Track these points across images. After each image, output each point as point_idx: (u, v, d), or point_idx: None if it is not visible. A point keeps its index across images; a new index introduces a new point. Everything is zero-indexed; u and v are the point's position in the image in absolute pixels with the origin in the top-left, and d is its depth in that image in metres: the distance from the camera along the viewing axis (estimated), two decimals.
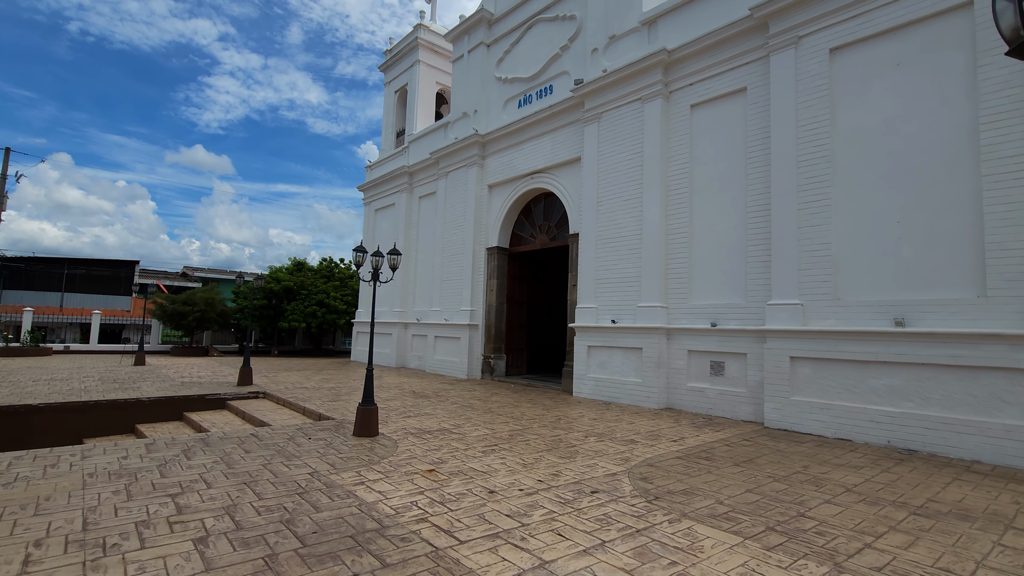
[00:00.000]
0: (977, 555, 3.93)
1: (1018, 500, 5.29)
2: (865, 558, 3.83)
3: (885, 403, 7.79)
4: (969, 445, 7.00)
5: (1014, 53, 2.36)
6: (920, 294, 7.73)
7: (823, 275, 8.68)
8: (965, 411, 7.11)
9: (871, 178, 8.36)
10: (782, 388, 8.85)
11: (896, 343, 7.73)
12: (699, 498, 5.13)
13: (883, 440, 7.70)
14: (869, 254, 8.29)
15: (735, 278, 10.10)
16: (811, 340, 8.61)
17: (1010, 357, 6.79)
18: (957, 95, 7.62)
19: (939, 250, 7.63)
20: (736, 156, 10.28)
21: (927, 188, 7.80)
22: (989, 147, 7.24)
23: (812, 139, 8.98)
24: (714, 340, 10.19)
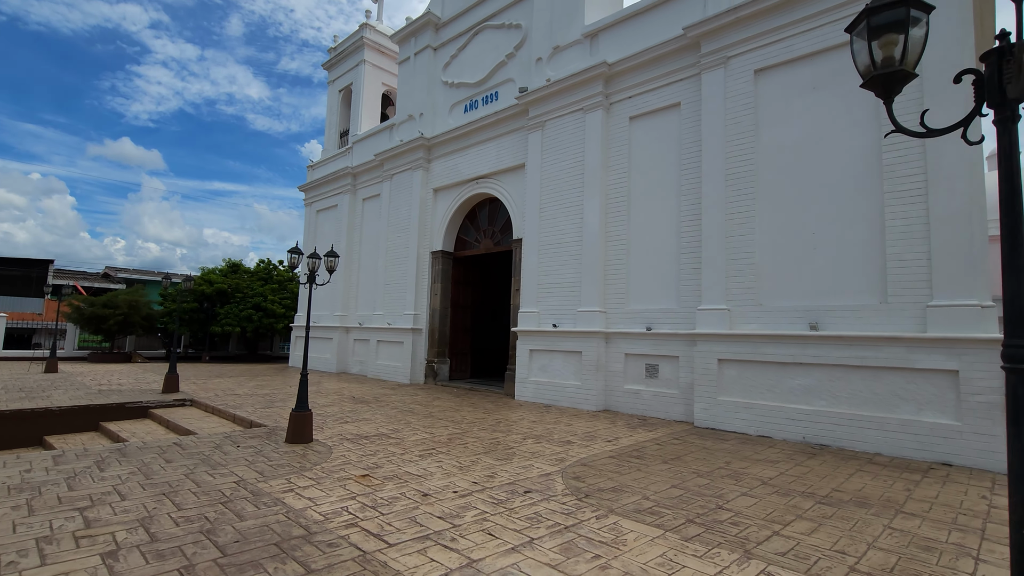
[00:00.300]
0: (869, 537, 4.31)
1: (909, 488, 5.83)
2: (772, 544, 4.12)
3: (801, 402, 8.36)
4: (872, 439, 7.62)
5: (867, 86, 2.69)
6: (832, 300, 8.36)
7: (747, 282, 9.23)
8: (869, 408, 7.74)
9: (791, 192, 8.98)
10: (710, 389, 9.32)
11: (811, 346, 8.33)
12: (627, 495, 5.34)
13: (799, 436, 8.26)
14: (788, 263, 8.89)
15: (669, 284, 10.55)
16: (737, 343, 9.13)
17: (906, 358, 7.47)
18: (864, 118, 8.33)
19: (848, 260, 8.29)
20: (671, 167, 10.76)
21: (839, 202, 8.46)
22: (889, 166, 7.95)
23: (739, 154, 9.55)
24: (649, 344, 10.60)
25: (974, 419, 6.90)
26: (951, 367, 7.11)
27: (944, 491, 5.73)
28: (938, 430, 7.15)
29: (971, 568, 3.78)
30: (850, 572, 3.68)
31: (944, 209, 7.42)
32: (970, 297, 7.13)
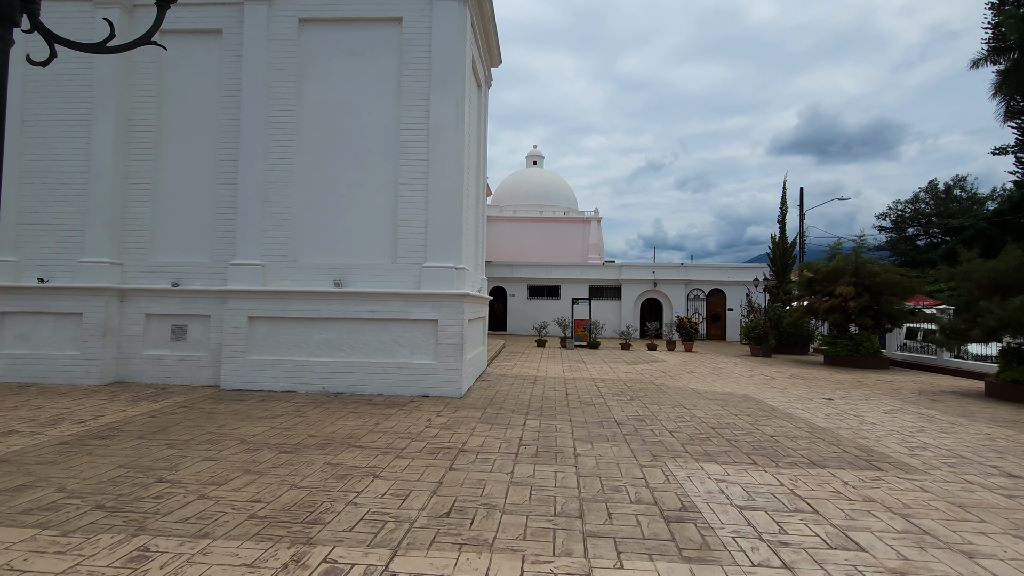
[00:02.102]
0: (299, 478, 4.62)
1: (378, 421, 6.76)
2: (184, 511, 3.89)
3: (324, 355, 8.80)
4: (377, 383, 8.67)
5: None
6: (356, 259, 9.01)
7: (284, 237, 9.04)
8: (377, 355, 8.75)
9: (329, 152, 9.15)
10: (239, 348, 8.82)
11: (335, 301, 8.80)
12: (31, 492, 4.27)
13: (320, 387, 8.70)
14: (323, 221, 9.10)
15: (203, 235, 9.40)
16: (269, 300, 8.87)
17: (406, 311, 8.72)
18: (390, 94, 9.13)
19: (371, 223, 9.05)
20: (211, 103, 9.48)
21: (368, 169, 9.10)
22: (405, 143, 8.99)
23: (281, 103, 9.12)
24: (177, 302, 9.27)
25: (445, 358, 8.64)
26: (433, 317, 8.67)
27: (402, 420, 6.88)
28: (423, 369, 8.66)
29: (364, 486, 4.46)
30: (249, 519, 3.77)
31: (439, 185, 8.86)
32: (449, 259, 8.81)
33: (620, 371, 13.13)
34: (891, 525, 3.86)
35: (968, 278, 10.70)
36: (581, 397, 9.06)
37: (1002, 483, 4.92)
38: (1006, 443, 6.50)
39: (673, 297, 28.04)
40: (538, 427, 6.74)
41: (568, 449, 5.75)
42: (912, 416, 8.09)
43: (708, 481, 4.77)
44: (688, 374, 12.82)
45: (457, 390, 8.57)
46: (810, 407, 8.63)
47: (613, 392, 9.72)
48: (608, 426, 6.90)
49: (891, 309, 15.14)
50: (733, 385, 11.04)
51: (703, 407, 8.39)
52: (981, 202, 44.82)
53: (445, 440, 6.00)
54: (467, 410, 7.64)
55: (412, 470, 4.92)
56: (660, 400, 8.94)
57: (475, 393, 9.09)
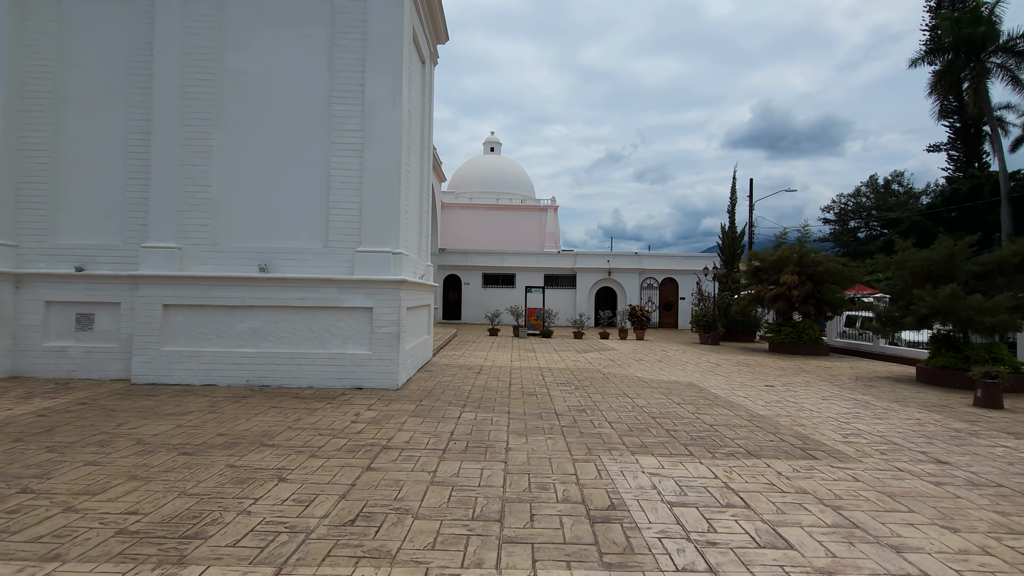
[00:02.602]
0: (191, 484, 4.11)
1: (300, 417, 6.25)
2: (50, 524, 3.34)
3: (248, 345, 8.16)
4: (307, 375, 8.11)
5: None
6: (283, 242, 8.37)
7: (203, 218, 8.30)
8: (306, 346, 8.19)
9: (254, 127, 8.43)
10: (153, 339, 8.07)
11: (260, 288, 8.16)
12: None
13: (243, 380, 8.07)
14: (246, 201, 8.41)
15: (112, 215, 8.54)
16: (187, 286, 8.14)
17: (338, 298, 8.17)
18: (321, 66, 8.47)
19: (301, 204, 8.42)
20: (120, 68, 8.57)
21: (296, 146, 8.44)
22: (338, 118, 8.38)
23: (199, 72, 8.33)
24: (82, 288, 8.40)
25: (380, 347, 8.16)
26: (368, 304, 8.16)
27: (328, 415, 6.40)
28: (356, 360, 8.15)
29: (264, 491, 3.99)
30: (116, 536, 3.26)
31: (374, 165, 8.32)
32: (385, 244, 8.30)
33: (569, 360, 12.95)
34: (822, 519, 3.71)
35: (903, 267, 10.98)
36: (524, 387, 8.77)
37: (930, 470, 4.90)
38: (935, 428, 6.60)
39: (627, 286, 28.23)
40: (473, 420, 6.39)
41: (500, 444, 5.42)
42: (848, 402, 8.19)
43: (641, 476, 4.54)
44: (636, 362, 12.76)
45: (393, 382, 8.12)
46: (752, 395, 8.63)
47: (558, 381, 9.48)
48: (547, 418, 6.63)
49: (832, 297, 15.56)
50: (679, 373, 11.02)
51: (646, 396, 8.24)
52: (916, 196, 47.26)
53: (370, 436, 5.57)
54: (401, 403, 7.22)
55: (325, 471, 4.48)
56: (604, 389, 8.76)
57: (414, 384, 8.66)
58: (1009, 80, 29.63)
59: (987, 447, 5.76)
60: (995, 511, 3.96)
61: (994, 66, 29.98)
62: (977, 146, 39.19)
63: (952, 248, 10.22)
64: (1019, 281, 9.84)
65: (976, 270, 10.09)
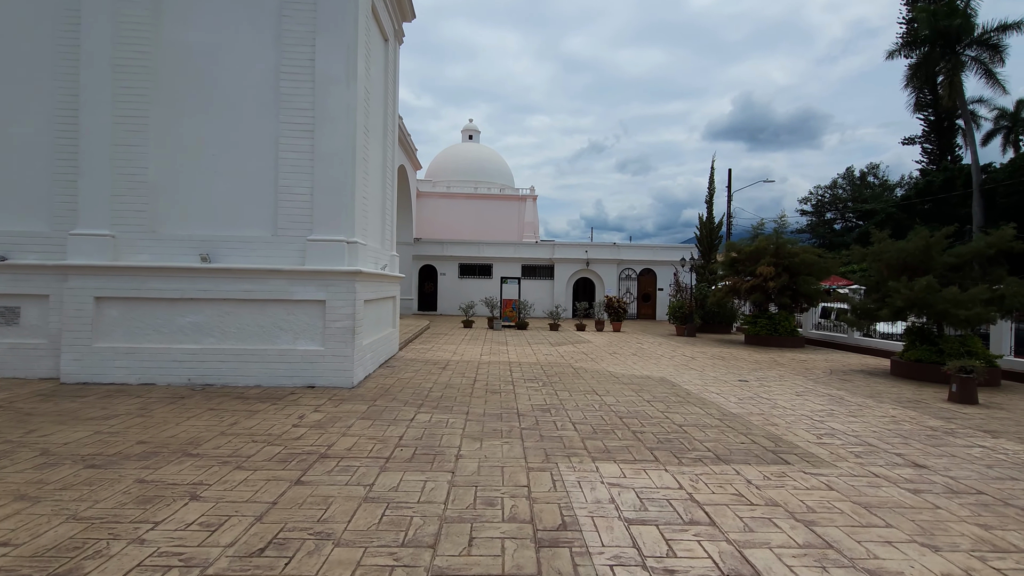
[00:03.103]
0: (87, 503, 3.59)
1: (237, 421, 5.73)
2: None
3: (190, 341, 7.57)
4: (254, 372, 7.56)
5: None
6: (229, 230, 7.77)
7: (139, 204, 7.64)
8: (254, 341, 7.63)
9: (195, 104, 7.77)
10: (84, 335, 7.43)
11: (203, 279, 7.56)
12: None
13: (184, 379, 7.49)
14: (187, 185, 7.77)
15: (38, 199, 7.83)
16: (122, 277, 7.50)
17: (288, 290, 7.62)
18: (269, 40, 7.82)
19: (247, 188, 7.81)
20: (44, 39, 7.81)
21: (242, 126, 7.81)
22: (287, 96, 7.76)
23: (134, 44, 7.62)
24: (5, 280, 7.69)
25: (334, 343, 7.64)
26: (321, 297, 7.62)
27: (268, 418, 5.88)
28: (308, 356, 7.62)
29: (170, 513, 3.50)
30: None
31: (327, 147, 7.74)
32: (339, 232, 7.75)
33: (541, 353, 12.56)
34: (793, 537, 3.35)
35: (879, 259, 10.79)
36: (490, 384, 8.34)
37: (908, 475, 4.60)
38: (910, 426, 6.35)
39: (605, 277, 27.94)
40: (427, 422, 5.94)
41: (451, 450, 4.98)
42: (822, 399, 7.93)
43: (600, 487, 4.14)
44: (610, 355, 12.43)
45: (348, 379, 7.62)
46: (724, 391, 8.33)
47: (526, 377, 9.07)
48: (508, 419, 6.20)
49: (808, 289, 15.41)
50: (652, 367, 10.70)
51: (616, 393, 7.88)
52: (891, 188, 47.87)
53: (309, 443, 5.08)
54: (353, 403, 6.73)
55: (246, 487, 3.99)
56: (573, 386, 8.37)
57: (372, 382, 8.16)
58: (983, 73, 29.89)
59: (964, 448, 5.51)
60: (977, 524, 3.65)
61: (969, 59, 30.21)
62: (950, 139, 39.72)
63: (928, 239, 10.03)
64: (994, 273, 9.70)
65: (952, 262, 9.92)
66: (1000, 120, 34.96)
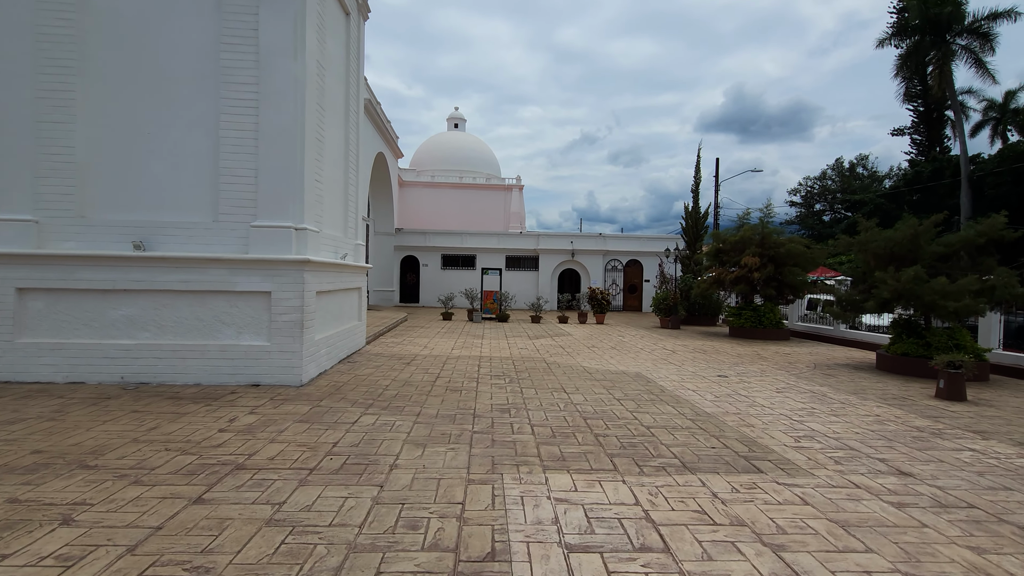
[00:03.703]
0: None
1: (158, 426, 5.17)
2: None
3: (123, 335, 6.97)
4: (194, 370, 6.98)
5: None
6: (165, 215, 7.15)
7: (66, 186, 7.00)
8: (193, 336, 7.04)
9: (128, 78, 7.12)
10: (4, 329, 6.80)
11: (137, 269, 6.95)
12: None
13: (117, 377, 6.90)
14: (120, 166, 7.13)
15: None
16: (47, 266, 6.87)
17: (230, 280, 7.03)
18: (208, 6, 7.17)
19: (185, 170, 7.18)
20: None
21: (179, 101, 7.17)
22: (228, 69, 7.12)
23: (57, 11, 6.94)
24: None
25: (280, 338, 7.07)
26: (266, 288, 7.04)
27: (194, 422, 5.33)
28: (252, 352, 7.06)
29: (27, 543, 2.95)
30: None
31: (272, 125, 7.13)
32: (286, 218, 7.16)
33: (517, 347, 12.06)
34: (758, 567, 2.87)
35: (865, 248, 10.35)
36: (452, 381, 7.82)
37: (891, 485, 4.14)
38: (895, 427, 5.91)
39: (591, 268, 27.46)
40: (371, 425, 5.41)
41: (387, 459, 4.46)
42: (804, 395, 7.49)
43: (545, 504, 3.64)
44: (588, 349, 11.95)
45: (296, 377, 7.06)
46: (702, 387, 7.87)
47: (494, 374, 8.56)
48: (461, 420, 5.69)
49: (793, 280, 15.01)
50: (630, 362, 10.23)
51: (586, 391, 7.39)
52: (880, 179, 47.72)
53: (230, 451, 4.53)
54: (296, 403, 6.18)
55: (136, 506, 3.44)
56: (542, 383, 7.87)
57: (324, 379, 7.61)
58: (973, 62, 29.58)
59: (953, 451, 5.07)
60: (968, 546, 3.19)
61: (959, 48, 29.87)
62: (939, 130, 39.48)
63: (917, 228, 9.60)
64: (984, 263, 9.29)
65: (941, 251, 9.50)
66: (989, 111, 34.74)
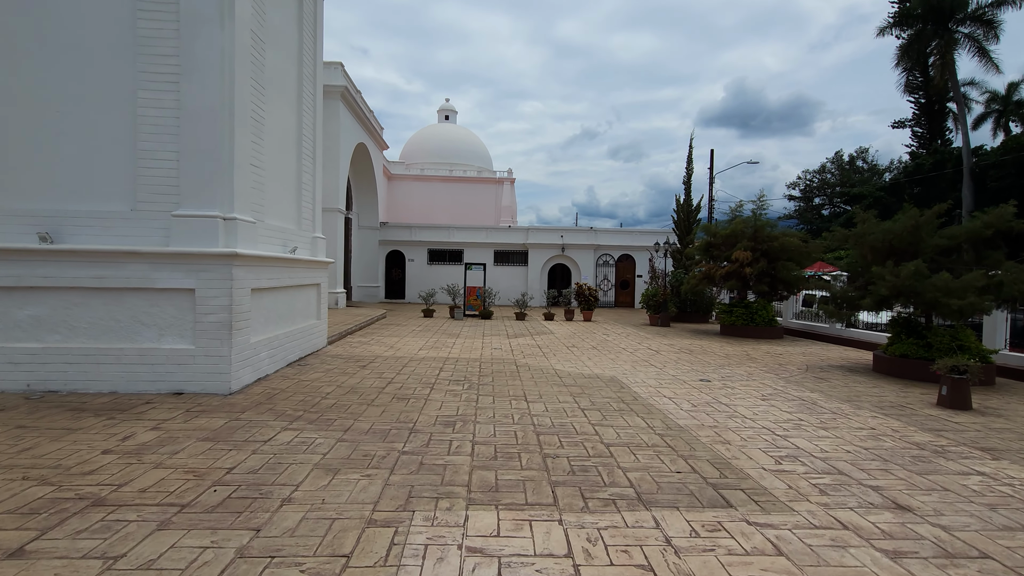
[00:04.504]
0: None
1: (36, 446, 4.43)
2: None
3: (30, 338, 6.23)
4: (110, 376, 6.25)
5: None
6: (77, 204, 6.39)
7: None
8: (109, 339, 6.30)
9: (34, 49, 6.35)
10: None
11: (44, 263, 6.20)
12: None
13: (23, 384, 6.16)
14: (24, 148, 6.36)
15: None
16: None
17: (150, 276, 6.28)
18: None
19: (100, 152, 6.42)
20: None
21: (93, 75, 6.40)
22: (145, 39, 6.35)
23: None
24: None
25: (206, 341, 6.33)
26: (189, 285, 6.29)
27: (82, 439, 4.59)
28: (176, 356, 6.32)
29: None
30: None
31: (197, 101, 6.36)
32: (212, 207, 6.40)
33: (491, 347, 11.33)
34: None
35: (862, 241, 9.61)
36: (404, 388, 7.08)
37: (886, 524, 3.42)
38: (892, 444, 5.18)
39: (582, 263, 26.70)
40: (285, 444, 4.67)
41: (283, 490, 3.73)
42: (792, 404, 6.76)
43: (453, 556, 2.91)
44: (567, 349, 11.23)
45: (223, 384, 6.33)
46: (680, 394, 7.15)
47: (455, 378, 7.83)
48: (393, 438, 4.96)
49: (787, 275, 14.26)
50: (608, 363, 9.50)
51: (549, 399, 6.66)
52: (880, 173, 46.91)
53: (98, 480, 3.80)
54: (212, 416, 5.45)
55: None
56: (503, 390, 7.14)
57: (260, 386, 6.86)
58: (976, 51, 28.72)
59: (959, 476, 4.35)
60: None
61: (962, 36, 29.00)
62: (940, 123, 38.62)
63: (918, 219, 8.85)
64: (991, 257, 8.55)
65: (945, 244, 8.76)
66: (991, 104, 33.89)
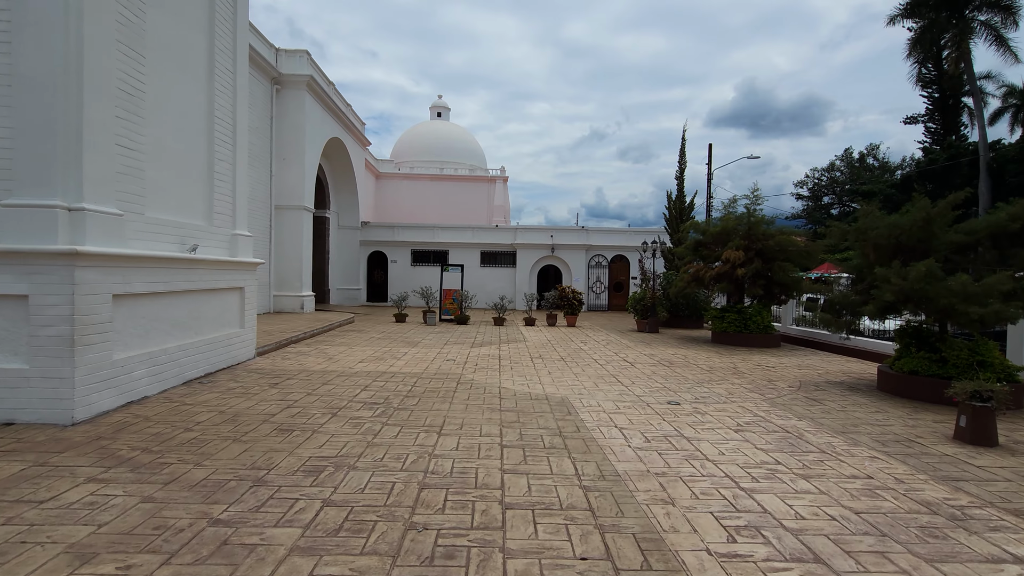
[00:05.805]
0: None
1: None
2: None
3: None
4: None
5: None
6: None
7: None
8: None
9: None
10: None
11: None
12: None
13: None
14: None
15: None
16: None
17: None
18: None
19: None
20: None
21: None
22: None
23: None
24: None
25: (43, 359, 5.16)
26: (21, 291, 5.13)
27: None
28: (6, 378, 5.15)
29: None
30: None
31: (32, 66, 5.20)
32: (52, 195, 5.23)
33: (445, 358, 10.09)
34: None
35: (864, 238, 8.27)
36: (300, 414, 5.86)
37: None
38: (893, 504, 3.88)
39: (573, 264, 25.40)
40: (64, 507, 3.46)
41: None
42: (771, 438, 5.46)
43: None
44: (531, 361, 9.97)
45: (64, 413, 5.15)
46: (636, 422, 5.87)
47: (371, 401, 6.59)
48: (221, 496, 3.73)
49: (785, 277, 12.91)
50: (569, 380, 8.24)
51: (469, 430, 5.42)
52: (892, 170, 45.18)
53: None
54: (16, 457, 4.26)
55: None
56: (418, 417, 5.90)
57: (118, 414, 5.66)
58: (993, 39, 27.13)
59: (988, 565, 3.05)
60: None
61: (978, 24, 27.41)
62: (955, 118, 36.89)
63: (930, 211, 7.50)
64: (1017, 256, 7.19)
65: (962, 240, 7.40)
66: (1008, 98, 32.20)
